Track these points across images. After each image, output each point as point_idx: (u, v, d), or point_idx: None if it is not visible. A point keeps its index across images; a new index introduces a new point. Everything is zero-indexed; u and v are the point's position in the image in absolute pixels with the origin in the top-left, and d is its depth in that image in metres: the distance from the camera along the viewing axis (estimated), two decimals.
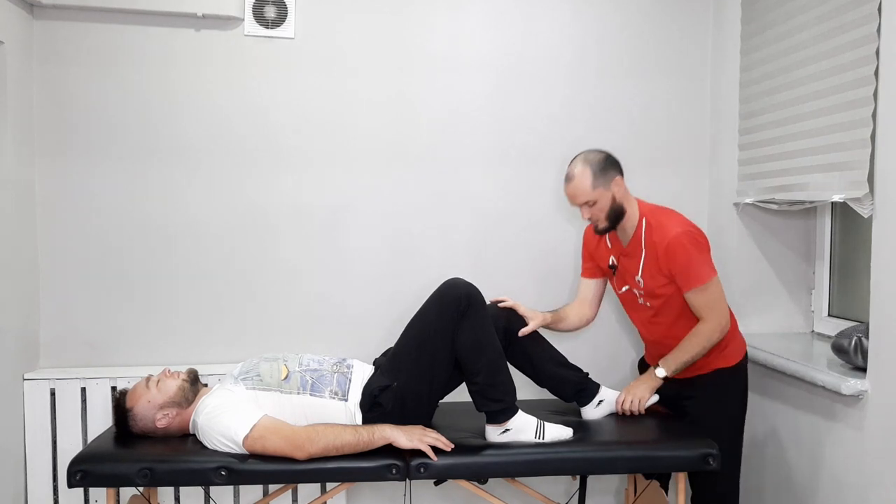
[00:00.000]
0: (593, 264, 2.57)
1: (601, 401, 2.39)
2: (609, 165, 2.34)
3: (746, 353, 2.46)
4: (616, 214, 2.35)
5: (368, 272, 2.92)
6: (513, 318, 2.40)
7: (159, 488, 2.62)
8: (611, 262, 2.49)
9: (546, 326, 2.48)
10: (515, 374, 2.29)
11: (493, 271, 2.91)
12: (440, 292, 2.21)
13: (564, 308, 2.58)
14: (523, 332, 2.38)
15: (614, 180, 2.33)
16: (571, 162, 2.38)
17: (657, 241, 2.31)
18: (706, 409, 2.38)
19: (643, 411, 2.37)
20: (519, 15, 2.94)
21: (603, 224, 2.37)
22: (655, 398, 2.40)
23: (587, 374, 2.43)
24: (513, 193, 2.97)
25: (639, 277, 2.38)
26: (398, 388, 2.16)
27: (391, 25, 2.88)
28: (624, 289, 2.48)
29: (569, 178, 2.35)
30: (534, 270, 2.98)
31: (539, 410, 2.35)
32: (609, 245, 2.49)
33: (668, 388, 2.40)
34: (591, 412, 2.39)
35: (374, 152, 2.90)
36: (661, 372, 2.36)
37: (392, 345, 2.34)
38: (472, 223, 2.96)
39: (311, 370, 2.21)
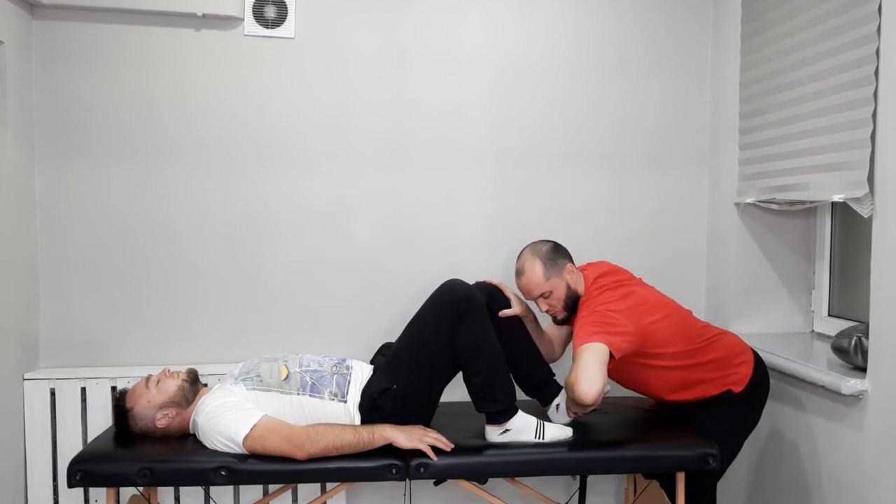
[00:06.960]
0: None
1: (559, 404, 2.34)
2: (558, 254, 2.33)
3: (761, 382, 2.35)
4: (573, 302, 2.33)
5: (367, 271, 2.92)
6: (495, 296, 2.37)
7: (159, 488, 2.62)
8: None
9: (527, 320, 2.44)
10: None
11: (492, 271, 2.90)
12: (439, 294, 2.21)
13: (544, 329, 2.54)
14: (503, 313, 2.35)
15: (566, 268, 2.32)
16: (519, 256, 2.37)
17: None
18: (711, 420, 2.32)
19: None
20: (519, 15, 2.94)
21: (562, 315, 2.36)
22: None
23: (553, 374, 2.40)
24: (512, 192, 2.96)
25: None
26: (397, 390, 2.15)
27: (390, 25, 2.88)
28: None
29: (519, 273, 2.34)
30: None
31: (539, 411, 2.35)
32: None
33: (674, 409, 2.38)
34: (552, 414, 2.34)
35: (373, 152, 2.89)
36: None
37: (389, 340, 2.33)
38: (471, 222, 2.96)
39: (311, 371, 2.21)
